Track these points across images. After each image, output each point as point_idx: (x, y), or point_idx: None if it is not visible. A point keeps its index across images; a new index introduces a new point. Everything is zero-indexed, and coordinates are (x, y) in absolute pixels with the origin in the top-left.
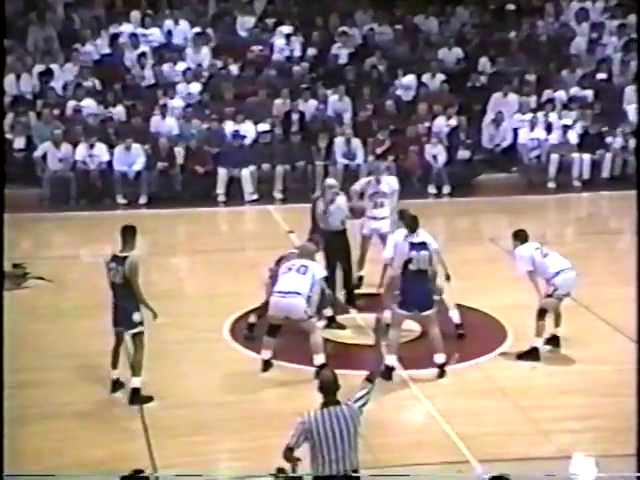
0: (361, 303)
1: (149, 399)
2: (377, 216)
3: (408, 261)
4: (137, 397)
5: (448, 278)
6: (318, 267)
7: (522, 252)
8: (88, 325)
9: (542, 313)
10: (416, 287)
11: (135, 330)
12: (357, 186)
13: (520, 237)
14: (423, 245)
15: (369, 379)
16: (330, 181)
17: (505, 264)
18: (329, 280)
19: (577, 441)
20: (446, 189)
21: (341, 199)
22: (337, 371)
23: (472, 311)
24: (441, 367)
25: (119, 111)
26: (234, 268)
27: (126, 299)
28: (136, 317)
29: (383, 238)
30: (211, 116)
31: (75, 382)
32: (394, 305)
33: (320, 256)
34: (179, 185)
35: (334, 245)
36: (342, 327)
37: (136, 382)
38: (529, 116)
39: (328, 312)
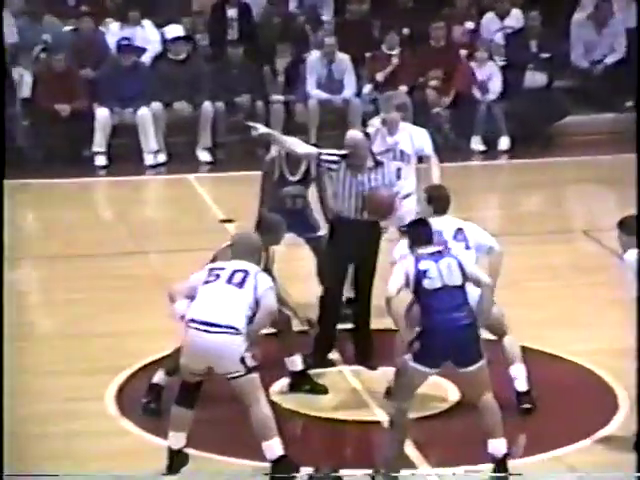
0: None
1: None
2: None
3: (420, 276)
4: None
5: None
6: (263, 277)
7: (637, 259)
8: None
9: None
10: (446, 322)
11: None
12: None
13: (634, 228)
14: (445, 253)
15: None
16: (356, 135)
17: (610, 273)
18: (329, 297)
19: None
20: (503, 143)
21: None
22: (307, 469)
23: (552, 360)
24: (500, 462)
25: None
26: (124, 286)
27: None
28: None
29: (403, 232)
30: (80, 10)
31: None
32: (407, 355)
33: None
34: (23, 138)
35: (351, 239)
36: (320, 389)
37: None
38: None
39: (296, 362)
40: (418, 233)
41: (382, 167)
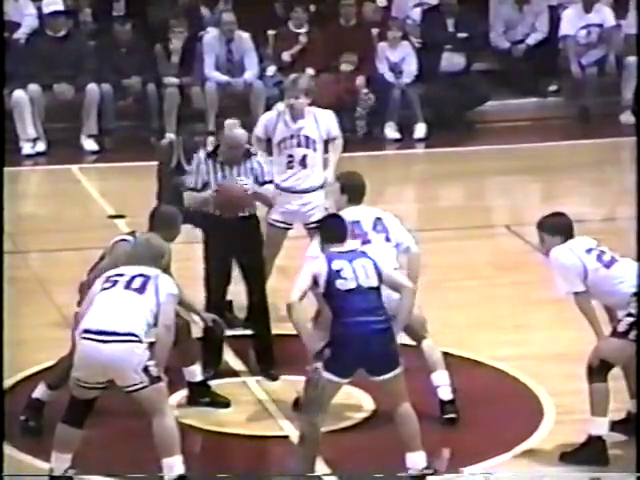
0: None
1: None
2: (295, 187)
3: (333, 276)
4: None
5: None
6: (165, 280)
7: (564, 257)
8: None
9: (601, 370)
10: (358, 326)
11: None
12: (259, 127)
13: (556, 227)
14: (360, 254)
15: None
16: (238, 133)
17: (534, 272)
18: (213, 302)
19: None
20: (419, 131)
21: (259, 159)
22: None
23: (474, 367)
24: (419, 477)
25: None
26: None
27: None
28: None
29: (312, 230)
30: None
31: None
32: (318, 364)
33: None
34: None
35: (233, 239)
36: (222, 402)
37: None
38: None
39: (195, 372)
40: (330, 230)
41: (251, 159)
